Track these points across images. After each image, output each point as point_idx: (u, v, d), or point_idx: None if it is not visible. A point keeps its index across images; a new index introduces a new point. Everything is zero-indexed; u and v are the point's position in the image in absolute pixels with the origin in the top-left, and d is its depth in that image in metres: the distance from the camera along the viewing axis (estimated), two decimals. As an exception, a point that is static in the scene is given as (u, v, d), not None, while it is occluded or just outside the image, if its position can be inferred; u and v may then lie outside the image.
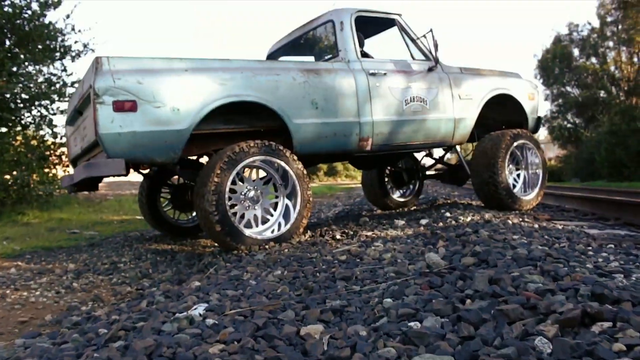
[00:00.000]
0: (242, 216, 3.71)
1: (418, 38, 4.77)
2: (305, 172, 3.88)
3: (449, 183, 5.99)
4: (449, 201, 6.52)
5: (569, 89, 31.99)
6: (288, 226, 3.78)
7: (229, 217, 3.50)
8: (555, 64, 31.48)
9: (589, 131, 27.96)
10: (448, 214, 4.38)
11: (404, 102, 4.46)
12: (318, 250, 3.07)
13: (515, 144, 4.96)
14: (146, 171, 4.93)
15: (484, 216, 3.91)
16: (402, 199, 6.58)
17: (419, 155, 6.61)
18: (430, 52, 4.77)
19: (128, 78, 3.32)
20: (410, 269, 2.28)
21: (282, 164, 3.78)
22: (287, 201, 3.89)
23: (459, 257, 2.35)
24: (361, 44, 4.45)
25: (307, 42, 5.10)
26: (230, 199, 3.62)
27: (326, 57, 4.59)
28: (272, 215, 3.87)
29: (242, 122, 4.01)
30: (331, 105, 4.07)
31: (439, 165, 6.37)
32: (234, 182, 3.65)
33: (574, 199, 5.31)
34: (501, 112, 5.50)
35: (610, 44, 33.28)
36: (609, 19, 34.15)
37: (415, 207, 6.33)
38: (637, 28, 31.25)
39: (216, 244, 4.13)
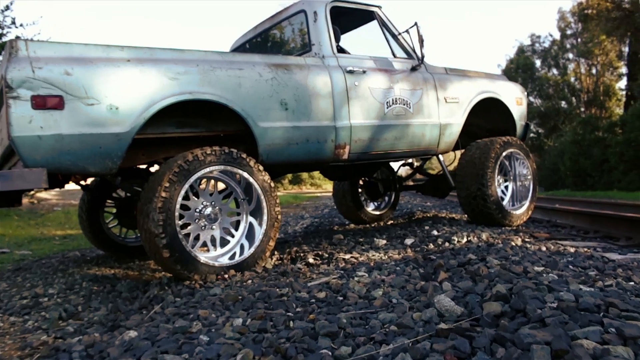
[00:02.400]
0: (197, 237, 3.08)
1: (400, 33, 4.25)
2: (272, 184, 3.28)
3: (430, 195, 5.49)
4: (428, 215, 6.02)
5: (532, 99, 32.41)
6: (252, 249, 3.17)
7: (179, 240, 2.86)
8: (518, 74, 31.87)
9: (551, 140, 28.29)
10: (435, 232, 3.85)
11: (386, 105, 3.92)
12: (289, 283, 2.47)
13: (504, 153, 4.49)
14: (87, 182, 4.24)
15: (480, 236, 3.39)
16: (377, 212, 6.04)
17: (395, 165, 6.10)
18: (414, 50, 4.26)
19: (53, 68, 2.66)
20: (415, 319, 1.72)
21: (245, 175, 3.17)
22: (251, 219, 3.28)
23: (476, 300, 1.80)
24: (337, 39, 3.90)
25: (276, 36, 4.52)
26: (181, 217, 2.99)
27: (298, 53, 4.02)
28: (233, 237, 3.25)
29: (198, 126, 3.39)
30: (303, 107, 3.49)
31: (418, 176, 5.87)
32: (186, 197, 3.02)
33: (568, 214, 4.88)
34: (486, 118, 5.05)
35: (570, 55, 34.06)
36: (568, 32, 34.99)
37: (392, 222, 5.80)
38: (595, 41, 32.05)
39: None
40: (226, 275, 2.94)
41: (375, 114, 3.86)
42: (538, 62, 34.14)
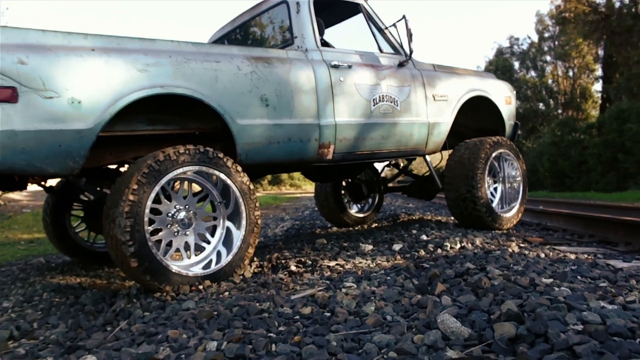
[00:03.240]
0: (170, 244, 2.82)
1: (387, 27, 4.04)
2: (251, 186, 3.04)
3: (415, 197, 5.30)
4: (414, 217, 5.83)
5: (510, 100, 32.58)
6: (229, 257, 2.91)
7: (148, 247, 2.60)
8: (497, 76, 32.02)
9: (530, 142, 28.51)
10: (425, 237, 3.64)
11: (372, 102, 3.71)
12: (270, 296, 2.23)
13: (494, 153, 4.31)
14: (50, 183, 3.93)
15: (474, 242, 3.20)
16: (360, 215, 5.82)
17: (379, 166, 5.90)
18: (401, 45, 4.06)
19: (4, 56, 2.37)
20: (417, 342, 1.49)
21: (222, 176, 2.92)
22: (228, 224, 3.03)
23: (483, 319, 1.58)
24: (321, 32, 3.66)
25: (256, 29, 4.27)
26: (152, 222, 2.73)
27: (279, 47, 3.78)
28: (209, 243, 2.99)
29: (171, 123, 3.13)
30: (285, 103, 3.26)
31: (402, 177, 5.68)
32: (157, 201, 2.75)
33: (559, 217, 4.73)
34: (475, 118, 4.87)
35: (548, 58, 34.47)
36: (546, 35, 35.41)
37: (376, 225, 5.59)
38: (572, 44, 32.48)
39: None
40: (201, 287, 2.69)
41: (361, 111, 3.64)
42: (516, 64, 34.47)
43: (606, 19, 25.46)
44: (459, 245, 3.01)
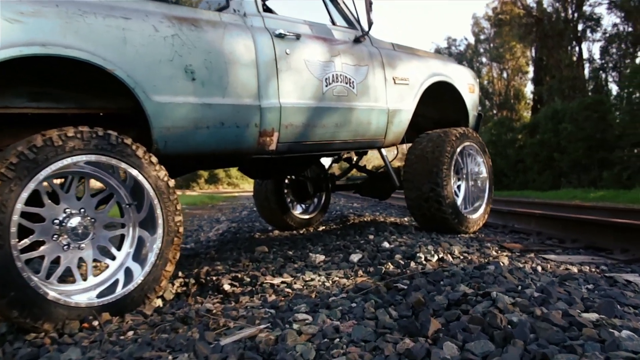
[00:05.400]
0: (57, 261, 2.06)
1: (341, -5, 3.42)
2: (171, 184, 2.32)
3: (369, 196, 4.72)
4: (365, 219, 5.26)
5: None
6: (140, 278, 2.18)
7: (17, 269, 1.83)
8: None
9: (467, 141, 28.92)
10: (387, 244, 3.05)
11: (325, 82, 3.07)
12: (191, 342, 1.55)
13: (460, 146, 3.80)
14: None
15: (452, 251, 2.63)
16: (305, 216, 5.17)
17: (326, 162, 5.28)
18: (357, 19, 3.45)
19: None
20: None
21: (131, 170, 2.18)
22: (140, 233, 2.30)
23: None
24: (262, -5, 3.00)
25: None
26: (29, 232, 1.97)
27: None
28: (113, 259, 2.25)
29: (64, 100, 2.37)
30: (217, 78, 2.56)
31: (354, 173, 5.09)
32: (36, 202, 1.99)
33: (531, 218, 4.27)
34: (434, 107, 4.34)
35: (484, 59, 35.32)
36: (482, 37, 36.31)
37: (324, 227, 4.97)
38: (506, 46, 33.41)
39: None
40: (96, 323, 1.94)
41: (311, 92, 2.99)
42: (454, 65, 35.03)
43: (539, 23, 26.23)
44: (435, 257, 2.43)
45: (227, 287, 2.52)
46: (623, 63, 22.64)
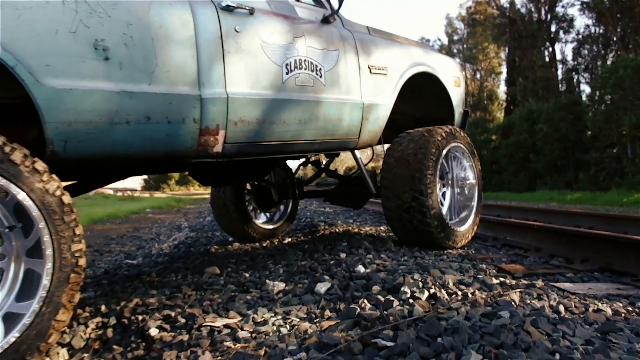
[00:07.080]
0: None
1: (306, -34, 2.84)
2: (67, 201, 1.70)
3: (341, 204, 4.15)
4: (336, 229, 4.69)
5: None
6: (15, 335, 1.56)
7: None
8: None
9: (441, 142, 28.74)
10: (362, 268, 2.47)
11: (285, 69, 2.49)
12: None
13: (446, 148, 3.26)
14: None
15: (445, 282, 2.07)
16: (269, 226, 4.56)
17: (292, 164, 4.68)
18: (326, -7, 2.89)
19: None
20: None
21: (9, 185, 1.56)
22: (27, 266, 1.67)
23: None
24: (207, -41, 2.39)
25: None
26: None
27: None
28: (-15, 303, 1.63)
29: None
30: (141, 58, 1.95)
31: (323, 179, 4.51)
32: None
33: (526, 230, 3.73)
34: (415, 103, 3.81)
35: (457, 60, 35.24)
36: (455, 37, 36.30)
37: (290, 239, 4.38)
38: (479, 47, 33.42)
39: None
40: None
41: (268, 81, 2.41)
42: (427, 65, 34.90)
43: (513, 23, 26.17)
44: (425, 293, 1.87)
45: (154, 331, 1.92)
46: (595, 64, 22.67)
